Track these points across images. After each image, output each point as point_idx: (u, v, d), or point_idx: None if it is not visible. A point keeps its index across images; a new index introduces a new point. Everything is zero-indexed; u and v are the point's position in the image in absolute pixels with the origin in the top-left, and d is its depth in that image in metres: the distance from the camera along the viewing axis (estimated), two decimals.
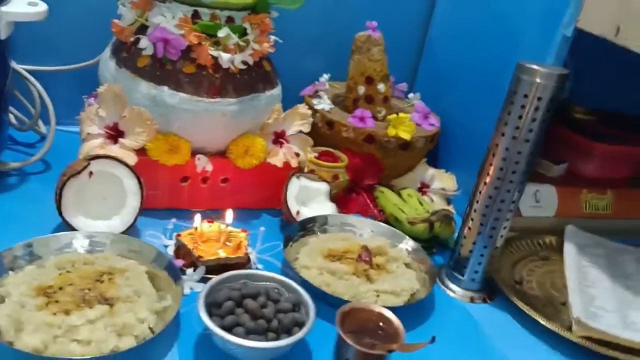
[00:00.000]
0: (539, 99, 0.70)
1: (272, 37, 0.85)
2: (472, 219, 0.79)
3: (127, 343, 0.58)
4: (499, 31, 0.95)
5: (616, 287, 0.86)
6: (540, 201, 1.00)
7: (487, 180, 0.76)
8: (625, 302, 0.83)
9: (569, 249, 0.93)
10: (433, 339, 0.57)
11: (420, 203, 0.96)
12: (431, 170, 1.04)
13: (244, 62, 0.80)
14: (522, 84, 0.70)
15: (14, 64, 0.85)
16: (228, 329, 0.60)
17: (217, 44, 0.79)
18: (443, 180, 1.04)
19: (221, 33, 0.78)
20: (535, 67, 0.69)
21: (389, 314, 0.64)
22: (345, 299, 0.70)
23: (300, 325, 0.62)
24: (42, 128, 0.98)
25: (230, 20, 0.80)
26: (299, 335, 0.60)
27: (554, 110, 0.71)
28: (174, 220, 0.83)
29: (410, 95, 1.12)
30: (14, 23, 0.75)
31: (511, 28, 0.92)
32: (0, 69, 0.77)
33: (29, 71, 0.89)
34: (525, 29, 0.89)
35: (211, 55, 0.78)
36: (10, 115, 0.94)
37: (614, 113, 1.14)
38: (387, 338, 0.62)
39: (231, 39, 0.79)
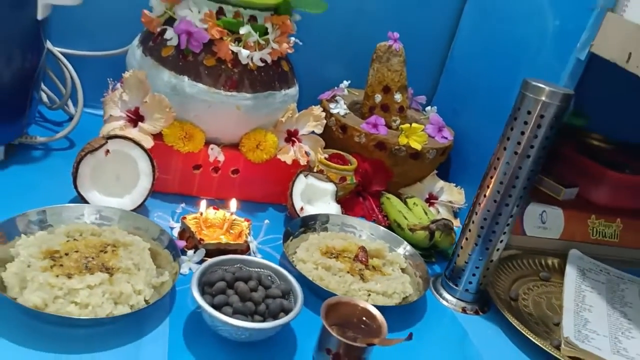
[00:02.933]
0: (542, 116, 0.71)
1: (292, 39, 0.88)
2: (469, 230, 0.80)
3: (122, 310, 0.62)
4: (516, 52, 0.97)
5: (612, 313, 0.86)
6: (546, 222, 1.00)
7: (487, 193, 0.78)
8: (619, 328, 0.82)
9: (570, 271, 0.94)
10: (410, 336, 0.59)
11: (425, 212, 0.97)
12: (441, 183, 1.06)
13: (262, 60, 0.84)
14: (526, 101, 0.72)
15: (50, 45, 0.90)
16: (217, 307, 0.62)
17: (238, 40, 0.83)
18: (452, 194, 1.05)
19: (243, 30, 0.81)
20: (540, 85, 0.71)
21: (374, 310, 0.65)
22: (336, 294, 0.72)
23: (286, 311, 0.64)
24: (71, 109, 1.03)
25: (253, 19, 0.84)
26: (283, 320, 0.62)
27: (557, 130, 0.72)
28: (183, 205, 0.87)
29: (428, 108, 1.14)
30: (51, 6, 0.80)
31: (527, 50, 0.94)
32: (35, 47, 0.82)
33: (63, 54, 0.94)
34: (541, 51, 0.90)
35: (231, 50, 0.82)
36: (43, 94, 1.00)
37: (634, 144, 1.13)
38: (370, 333, 0.64)
39: (252, 37, 0.82)
